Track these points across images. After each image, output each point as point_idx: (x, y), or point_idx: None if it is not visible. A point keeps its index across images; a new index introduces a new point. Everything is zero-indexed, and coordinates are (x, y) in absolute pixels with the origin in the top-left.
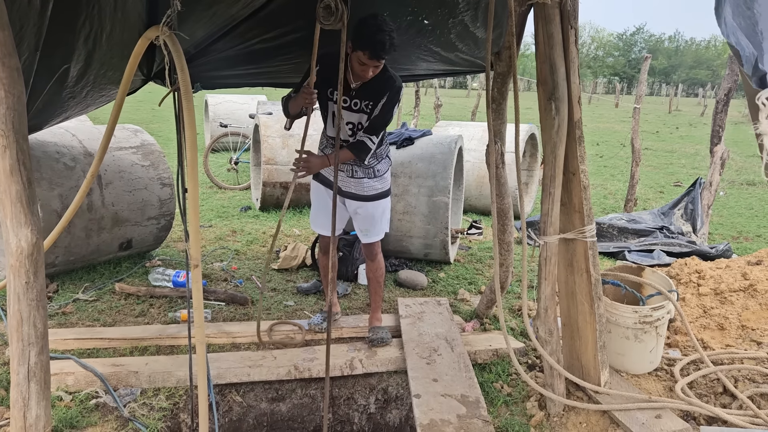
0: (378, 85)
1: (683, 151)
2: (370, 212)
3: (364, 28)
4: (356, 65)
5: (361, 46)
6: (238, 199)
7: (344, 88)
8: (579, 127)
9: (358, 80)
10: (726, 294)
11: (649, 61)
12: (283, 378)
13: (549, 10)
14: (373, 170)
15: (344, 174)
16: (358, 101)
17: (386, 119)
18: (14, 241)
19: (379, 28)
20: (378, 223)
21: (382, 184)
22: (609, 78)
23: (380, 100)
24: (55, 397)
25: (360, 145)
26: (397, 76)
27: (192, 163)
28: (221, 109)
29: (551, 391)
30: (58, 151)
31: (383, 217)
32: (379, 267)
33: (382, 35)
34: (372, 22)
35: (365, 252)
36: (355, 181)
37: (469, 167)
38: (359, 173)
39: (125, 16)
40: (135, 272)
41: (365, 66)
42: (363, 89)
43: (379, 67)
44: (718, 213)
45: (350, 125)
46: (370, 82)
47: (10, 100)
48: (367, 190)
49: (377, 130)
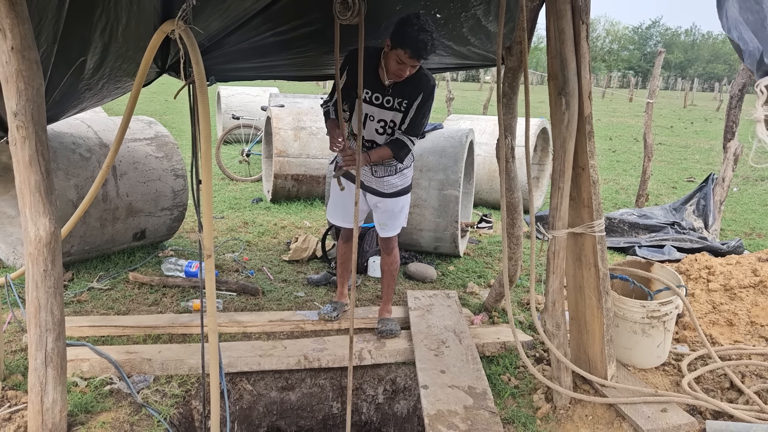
0: (413, 84)
1: (697, 146)
2: (390, 207)
3: (408, 27)
4: (393, 63)
5: (402, 44)
6: (249, 190)
7: (378, 85)
8: (589, 122)
9: (393, 78)
10: (736, 290)
11: (663, 55)
12: (292, 367)
13: (560, 6)
14: (395, 167)
15: (367, 169)
16: (391, 99)
17: (425, 119)
18: (33, 230)
19: (423, 28)
20: (396, 219)
21: (402, 181)
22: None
23: (415, 99)
24: (71, 382)
25: (399, 143)
26: (431, 75)
27: (206, 155)
28: (234, 101)
29: (558, 383)
30: (74, 142)
31: (402, 213)
32: (394, 261)
33: (425, 35)
34: (416, 21)
35: (382, 245)
36: (377, 178)
37: (480, 161)
38: (380, 172)
39: (141, 9)
40: (148, 262)
41: (403, 65)
42: (397, 87)
43: (416, 67)
44: (731, 209)
45: (382, 123)
46: (405, 80)
47: (29, 92)
48: (387, 188)
49: (417, 129)
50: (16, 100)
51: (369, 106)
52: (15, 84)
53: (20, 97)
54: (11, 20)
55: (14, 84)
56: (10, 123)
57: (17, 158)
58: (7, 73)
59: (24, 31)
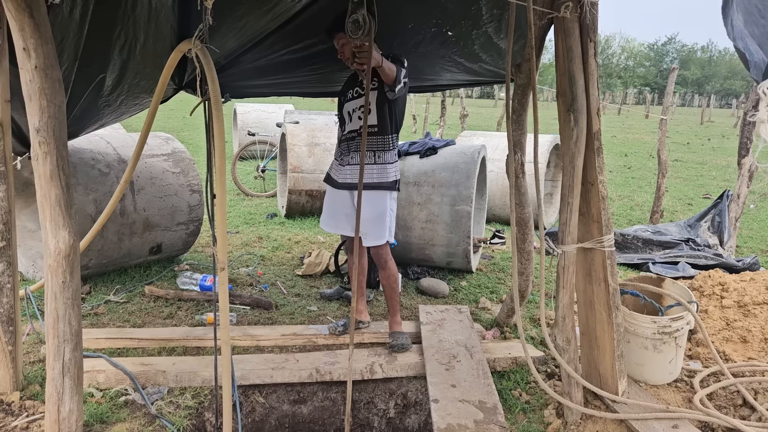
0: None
1: (714, 162)
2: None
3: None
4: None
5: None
6: (264, 206)
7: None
8: (598, 138)
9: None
10: (749, 307)
11: (676, 72)
12: (305, 380)
13: (568, 24)
14: (375, 155)
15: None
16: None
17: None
18: (53, 243)
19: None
20: (376, 225)
21: (380, 174)
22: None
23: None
24: (87, 393)
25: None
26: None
27: (220, 171)
28: (250, 118)
29: (569, 399)
30: (93, 158)
31: (383, 219)
32: (391, 274)
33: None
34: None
35: (375, 259)
36: (352, 166)
37: (493, 177)
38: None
39: (158, 28)
40: (164, 276)
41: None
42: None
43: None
44: (748, 226)
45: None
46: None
47: (51, 110)
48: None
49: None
50: (39, 116)
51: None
52: (38, 101)
53: (42, 114)
54: (35, 40)
55: (37, 101)
56: (32, 139)
57: (38, 173)
58: (30, 91)
59: (47, 50)
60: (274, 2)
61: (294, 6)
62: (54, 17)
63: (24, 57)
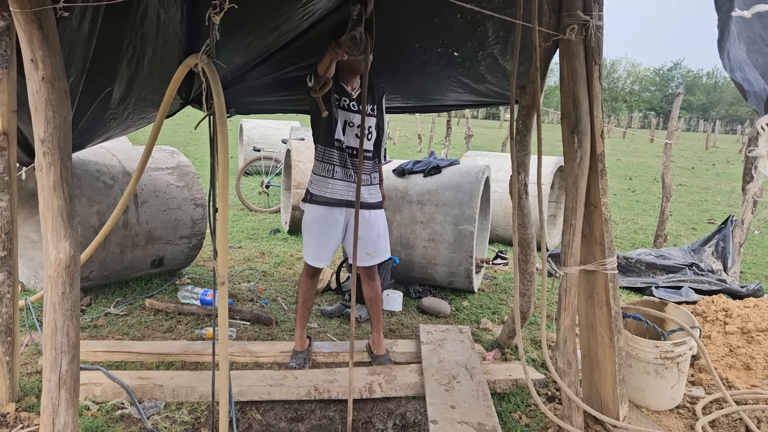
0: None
1: (719, 188)
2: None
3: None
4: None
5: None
6: (268, 221)
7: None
8: (601, 161)
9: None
10: (753, 333)
11: (681, 97)
12: (303, 398)
13: (573, 46)
14: (371, 176)
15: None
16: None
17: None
18: (53, 253)
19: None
20: (384, 241)
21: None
22: (645, 113)
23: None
24: (83, 406)
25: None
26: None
27: (223, 185)
28: (255, 134)
29: (569, 423)
30: (98, 170)
31: (384, 234)
32: (378, 285)
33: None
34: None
35: (367, 273)
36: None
37: (497, 197)
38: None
39: (166, 42)
40: (165, 289)
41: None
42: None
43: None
44: (752, 252)
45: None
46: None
47: (57, 121)
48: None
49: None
50: (44, 127)
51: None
52: (44, 112)
53: (48, 125)
54: (43, 52)
55: (43, 112)
56: (37, 149)
57: (42, 183)
58: (36, 102)
59: (55, 62)
60: (282, 19)
61: (302, 24)
62: (63, 29)
63: (31, 68)
